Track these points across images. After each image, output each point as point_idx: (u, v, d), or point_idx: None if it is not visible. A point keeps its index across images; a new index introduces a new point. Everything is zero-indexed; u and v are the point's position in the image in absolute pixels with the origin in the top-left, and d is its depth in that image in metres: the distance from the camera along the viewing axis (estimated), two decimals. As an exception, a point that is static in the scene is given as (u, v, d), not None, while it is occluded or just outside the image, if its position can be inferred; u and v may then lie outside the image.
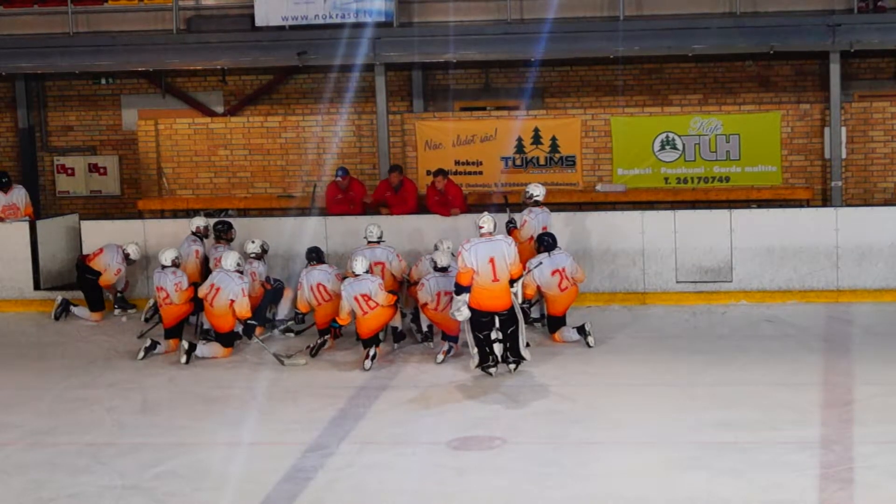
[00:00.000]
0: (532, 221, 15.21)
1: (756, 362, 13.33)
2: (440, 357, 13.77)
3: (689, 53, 17.71)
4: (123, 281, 16.49)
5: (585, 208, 17.34)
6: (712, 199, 17.61)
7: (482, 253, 12.96)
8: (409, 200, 16.69)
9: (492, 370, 13.05)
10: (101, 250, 16.28)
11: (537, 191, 15.49)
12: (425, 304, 13.97)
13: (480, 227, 13.19)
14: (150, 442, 11.39)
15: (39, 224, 17.45)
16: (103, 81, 20.58)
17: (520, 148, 18.20)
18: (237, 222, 16.32)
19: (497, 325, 12.96)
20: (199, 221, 16.08)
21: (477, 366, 13.08)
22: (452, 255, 14.05)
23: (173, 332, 14.62)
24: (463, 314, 13.00)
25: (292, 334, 15.07)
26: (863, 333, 14.53)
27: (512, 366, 13.11)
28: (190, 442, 11.42)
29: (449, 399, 12.53)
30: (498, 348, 12.97)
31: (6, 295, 17.19)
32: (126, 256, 16.13)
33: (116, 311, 16.45)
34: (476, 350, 13.04)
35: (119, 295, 16.52)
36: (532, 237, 14.96)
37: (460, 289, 12.98)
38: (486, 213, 13.53)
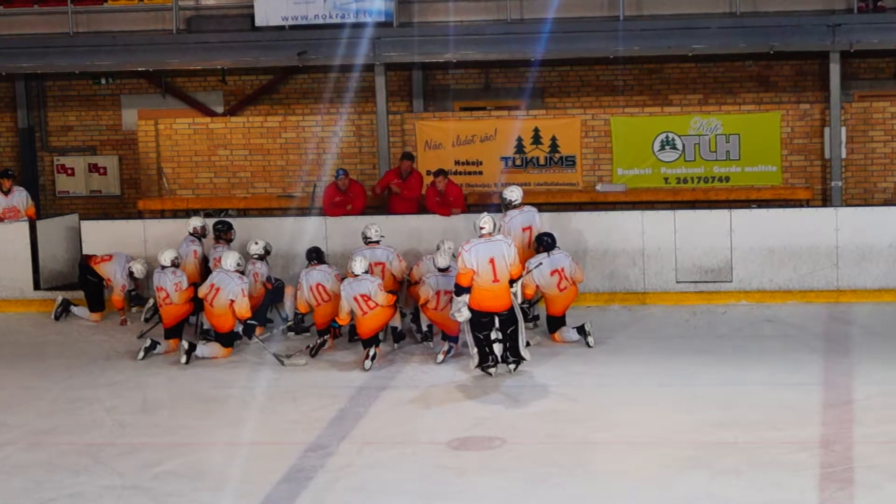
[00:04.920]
0: (508, 225, 14.90)
1: (756, 362, 13.33)
2: (440, 357, 13.77)
3: (689, 53, 17.70)
4: (132, 283, 16.45)
5: (585, 208, 17.34)
6: (712, 199, 17.61)
7: (482, 253, 12.97)
8: (415, 187, 16.76)
9: (491, 370, 13.05)
10: (109, 257, 16.16)
11: (513, 195, 15.24)
12: (425, 303, 13.97)
13: (481, 228, 13.18)
14: (150, 442, 11.39)
15: (39, 224, 17.43)
16: (103, 81, 20.58)
17: (520, 148, 18.20)
18: (237, 222, 16.32)
19: (497, 325, 12.97)
20: (196, 222, 16.06)
21: (477, 366, 13.09)
22: (453, 255, 14.05)
23: (173, 332, 14.62)
24: (463, 315, 13.01)
25: (308, 332, 15.02)
26: (863, 333, 14.52)
27: (512, 366, 13.11)
28: (190, 442, 11.42)
29: (449, 399, 12.54)
30: (498, 348, 12.97)
31: (6, 295, 17.18)
32: (130, 273, 16.01)
33: (134, 310, 16.39)
34: (476, 350, 13.04)
35: (133, 293, 16.46)
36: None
37: (460, 290, 12.99)
38: (485, 213, 13.52)
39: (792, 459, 10.26)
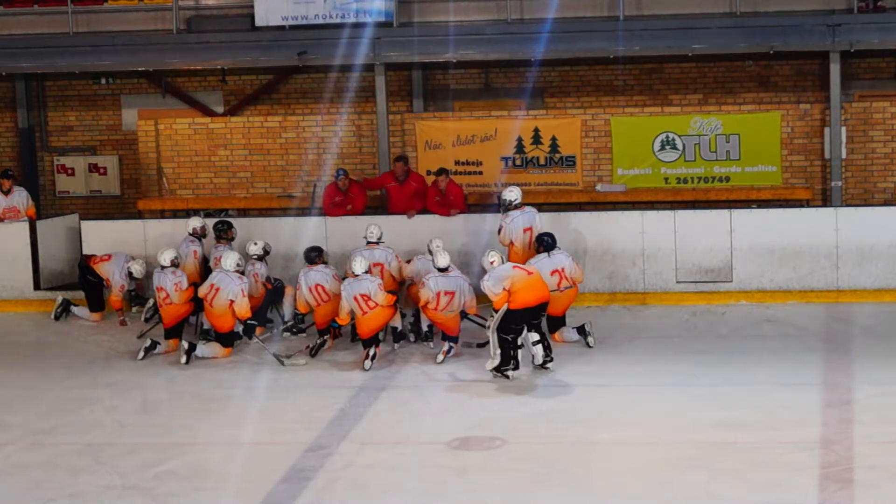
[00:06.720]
0: (509, 225, 15.05)
1: (756, 362, 13.33)
2: (440, 357, 13.78)
3: (689, 53, 17.69)
4: (131, 283, 16.45)
5: (585, 208, 17.35)
6: (712, 199, 17.61)
7: (506, 268, 13.17)
8: (417, 188, 16.78)
9: (509, 373, 12.98)
10: (108, 257, 16.16)
11: (512, 195, 15.26)
12: (426, 304, 13.97)
13: (492, 263, 13.25)
14: (150, 442, 11.40)
15: (39, 224, 17.43)
16: (103, 81, 20.57)
17: (520, 148, 18.20)
18: (237, 222, 16.32)
19: (525, 330, 13.02)
20: (195, 222, 16.05)
21: (495, 368, 12.99)
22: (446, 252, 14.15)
23: (173, 332, 14.62)
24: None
25: (304, 334, 15.03)
26: (863, 333, 14.52)
27: (550, 364, 13.15)
28: (190, 442, 11.43)
29: (449, 399, 12.54)
30: (539, 349, 13.07)
31: (6, 295, 17.18)
32: (129, 274, 16.00)
33: (134, 310, 16.38)
34: (500, 351, 12.95)
35: (133, 293, 16.45)
36: (512, 242, 14.98)
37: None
38: (489, 251, 13.58)
39: (792, 459, 10.26)
